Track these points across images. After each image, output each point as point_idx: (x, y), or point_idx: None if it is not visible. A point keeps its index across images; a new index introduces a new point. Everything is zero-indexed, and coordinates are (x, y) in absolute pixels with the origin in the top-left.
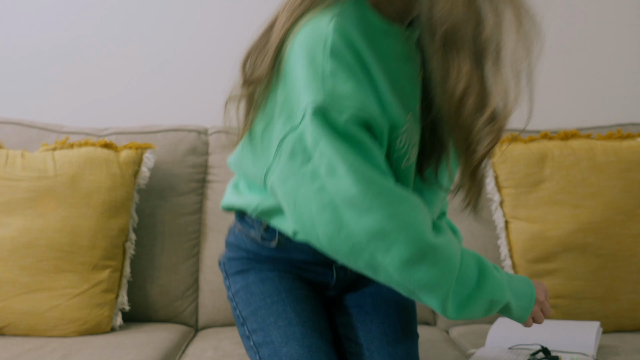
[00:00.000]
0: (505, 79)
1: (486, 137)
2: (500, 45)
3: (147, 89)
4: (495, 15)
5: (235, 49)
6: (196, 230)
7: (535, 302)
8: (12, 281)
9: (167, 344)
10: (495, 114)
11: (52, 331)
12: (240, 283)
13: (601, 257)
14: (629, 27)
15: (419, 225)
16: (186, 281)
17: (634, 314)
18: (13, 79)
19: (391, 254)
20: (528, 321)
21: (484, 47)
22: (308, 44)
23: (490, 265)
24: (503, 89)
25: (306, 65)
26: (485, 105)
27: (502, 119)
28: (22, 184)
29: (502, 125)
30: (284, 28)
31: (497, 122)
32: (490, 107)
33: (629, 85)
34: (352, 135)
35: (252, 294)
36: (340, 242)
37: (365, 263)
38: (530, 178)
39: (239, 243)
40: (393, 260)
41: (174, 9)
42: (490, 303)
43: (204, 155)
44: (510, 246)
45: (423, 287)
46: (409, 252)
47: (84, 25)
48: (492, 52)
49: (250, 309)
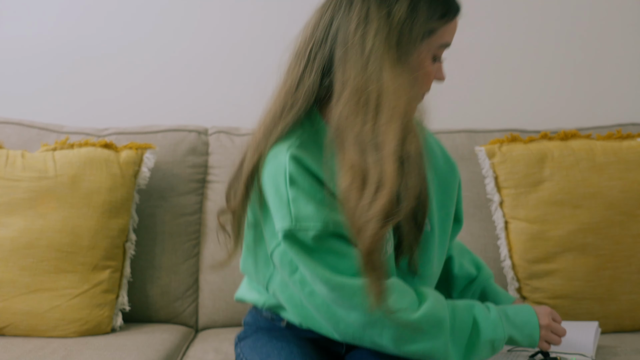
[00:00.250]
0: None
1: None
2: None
3: (147, 89)
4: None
5: (235, 49)
6: (196, 230)
7: (541, 327)
8: (13, 281)
9: (167, 346)
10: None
11: (53, 332)
12: (250, 338)
13: (601, 258)
14: (629, 27)
15: (398, 308)
16: (186, 281)
17: (633, 314)
18: (13, 79)
19: (384, 337)
20: (542, 345)
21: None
22: (272, 174)
23: (482, 309)
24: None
25: (273, 194)
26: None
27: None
28: (22, 184)
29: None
30: (252, 162)
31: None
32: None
33: (629, 85)
34: (321, 248)
35: (261, 345)
36: (343, 332)
37: (370, 344)
38: (530, 178)
39: (255, 321)
40: (388, 342)
41: (174, 9)
42: (491, 343)
43: (204, 156)
44: (510, 246)
45: (423, 355)
46: (397, 334)
47: (84, 25)
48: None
49: (257, 356)
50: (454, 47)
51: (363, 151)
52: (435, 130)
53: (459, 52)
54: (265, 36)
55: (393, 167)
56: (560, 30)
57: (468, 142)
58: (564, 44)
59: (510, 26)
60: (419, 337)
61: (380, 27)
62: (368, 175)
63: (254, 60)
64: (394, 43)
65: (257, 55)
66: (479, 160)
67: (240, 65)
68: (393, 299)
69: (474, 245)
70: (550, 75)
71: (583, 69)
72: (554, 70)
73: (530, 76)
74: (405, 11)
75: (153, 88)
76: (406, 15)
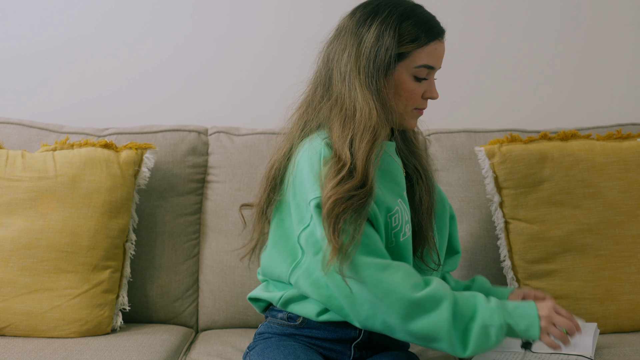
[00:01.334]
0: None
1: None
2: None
3: (147, 89)
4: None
5: (236, 49)
6: (196, 230)
7: (541, 318)
8: (13, 282)
9: (168, 347)
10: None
11: (53, 332)
12: (259, 346)
13: (600, 258)
14: (628, 27)
15: (401, 286)
16: (186, 281)
17: (632, 314)
18: (14, 78)
19: (391, 315)
20: (544, 337)
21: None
22: (309, 155)
23: (483, 298)
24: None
25: (308, 171)
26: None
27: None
28: (22, 184)
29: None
30: (283, 150)
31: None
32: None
33: (629, 85)
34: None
35: (269, 351)
36: (358, 311)
37: (381, 326)
38: (529, 178)
39: (266, 330)
40: (395, 320)
41: (173, 9)
42: (486, 328)
43: (204, 156)
44: (510, 247)
45: (428, 334)
46: (402, 311)
47: (83, 25)
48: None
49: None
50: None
51: (346, 148)
52: (435, 130)
53: (459, 52)
54: (265, 36)
55: (362, 165)
56: (560, 30)
57: (468, 142)
58: (564, 44)
59: (510, 26)
60: (423, 314)
61: (352, 53)
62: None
63: (255, 61)
64: (363, 67)
65: (257, 55)
66: (479, 160)
67: (241, 65)
68: (399, 277)
69: (474, 245)
70: (550, 75)
71: (583, 69)
72: (554, 70)
73: (530, 76)
74: (372, 39)
75: (153, 88)
76: (372, 42)
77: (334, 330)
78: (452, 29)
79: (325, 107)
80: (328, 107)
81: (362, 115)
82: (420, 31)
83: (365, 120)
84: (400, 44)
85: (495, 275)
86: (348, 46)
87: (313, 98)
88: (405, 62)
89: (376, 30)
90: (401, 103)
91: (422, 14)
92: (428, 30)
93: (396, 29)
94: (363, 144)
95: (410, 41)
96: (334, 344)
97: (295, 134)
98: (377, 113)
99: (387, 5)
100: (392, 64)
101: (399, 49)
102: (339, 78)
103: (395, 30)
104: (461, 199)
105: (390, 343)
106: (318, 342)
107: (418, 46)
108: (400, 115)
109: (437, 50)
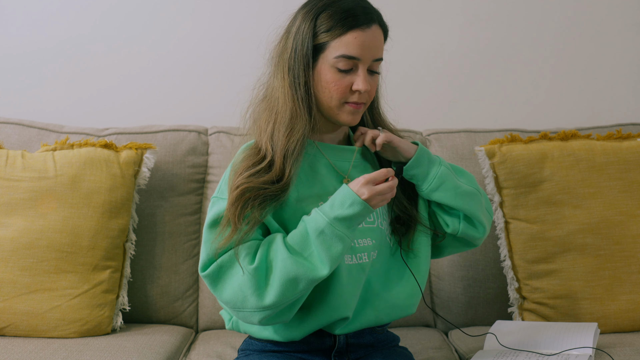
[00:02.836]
0: None
1: None
2: None
3: (147, 89)
4: None
5: (235, 49)
6: (196, 230)
7: (359, 189)
8: (13, 282)
9: (168, 348)
10: None
11: (53, 332)
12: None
13: (600, 258)
14: (629, 27)
15: (239, 276)
16: (186, 281)
17: (633, 314)
18: (14, 78)
19: (249, 300)
20: (374, 200)
21: None
22: (237, 154)
23: (305, 217)
24: None
25: (227, 170)
26: None
27: None
28: (22, 184)
29: None
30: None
31: None
32: None
33: (629, 85)
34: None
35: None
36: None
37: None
38: (529, 178)
39: (247, 347)
40: (255, 301)
41: (173, 9)
42: (321, 235)
43: (204, 156)
44: (510, 246)
45: (287, 284)
46: (251, 288)
47: (83, 25)
48: None
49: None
50: (455, 47)
51: (267, 141)
52: (436, 130)
53: (459, 52)
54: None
55: (281, 160)
56: (560, 31)
57: (468, 142)
58: (564, 44)
59: (510, 26)
60: (265, 275)
61: (280, 46)
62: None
63: (254, 60)
64: (287, 59)
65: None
66: (479, 160)
67: (241, 65)
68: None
69: None
70: (550, 75)
71: (583, 69)
72: (553, 70)
73: (530, 76)
74: (294, 31)
75: (153, 88)
76: (294, 34)
77: (308, 342)
78: (452, 29)
79: (263, 101)
80: (264, 101)
81: (281, 107)
82: (335, 21)
83: (283, 112)
84: (316, 35)
85: (495, 275)
86: (281, 40)
87: (258, 95)
88: (324, 53)
89: (298, 22)
90: (326, 96)
91: (344, 4)
92: (344, 19)
93: (313, 19)
94: (280, 137)
95: (325, 31)
96: (313, 355)
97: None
98: (296, 105)
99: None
100: (311, 55)
101: (315, 40)
102: (270, 71)
103: (312, 21)
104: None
105: (376, 342)
106: (298, 354)
107: (333, 36)
108: (331, 109)
109: (356, 40)
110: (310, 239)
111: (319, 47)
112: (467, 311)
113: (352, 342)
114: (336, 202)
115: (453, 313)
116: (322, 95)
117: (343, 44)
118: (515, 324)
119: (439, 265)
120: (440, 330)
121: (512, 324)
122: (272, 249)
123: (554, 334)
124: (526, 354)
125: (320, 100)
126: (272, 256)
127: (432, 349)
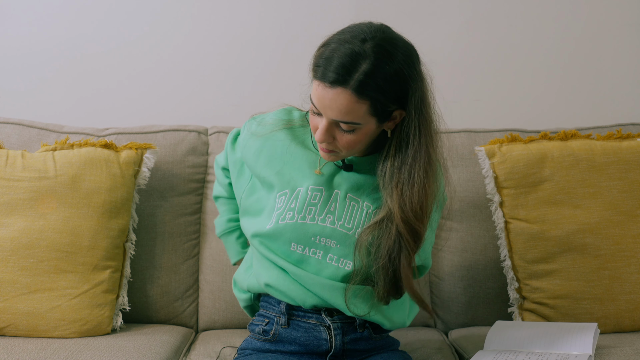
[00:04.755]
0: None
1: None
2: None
3: (147, 89)
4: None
5: (235, 49)
6: (196, 230)
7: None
8: (13, 282)
9: (168, 348)
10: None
11: (53, 332)
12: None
13: (600, 258)
14: (628, 27)
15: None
16: (186, 281)
17: (633, 314)
18: (14, 78)
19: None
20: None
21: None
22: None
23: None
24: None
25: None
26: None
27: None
28: (22, 184)
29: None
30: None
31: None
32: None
33: (629, 85)
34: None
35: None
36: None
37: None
38: (529, 178)
39: (247, 346)
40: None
41: (173, 8)
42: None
43: (204, 155)
44: (510, 246)
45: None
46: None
47: (83, 25)
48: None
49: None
50: (455, 47)
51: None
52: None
53: (459, 52)
54: (265, 35)
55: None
56: (560, 31)
57: (468, 142)
58: (564, 44)
59: (510, 26)
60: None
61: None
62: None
63: (254, 60)
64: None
65: (257, 54)
66: (479, 160)
67: (241, 64)
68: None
69: (474, 245)
70: (550, 75)
71: (583, 69)
72: (554, 70)
73: (530, 76)
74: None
75: (153, 88)
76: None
77: (304, 344)
78: (452, 28)
79: None
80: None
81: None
82: (312, 62)
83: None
84: (311, 67)
85: (495, 275)
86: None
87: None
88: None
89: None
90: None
91: (329, 51)
92: (315, 66)
93: (317, 49)
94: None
95: (311, 68)
96: (309, 358)
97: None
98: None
99: (344, 29)
100: (311, 82)
101: (311, 72)
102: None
103: (316, 50)
104: (461, 199)
105: (373, 348)
106: (294, 357)
107: (312, 77)
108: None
109: (316, 91)
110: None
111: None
112: (467, 311)
113: (347, 348)
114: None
115: (453, 313)
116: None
117: (313, 87)
118: (515, 324)
119: (439, 265)
120: (440, 330)
121: (512, 324)
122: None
123: (553, 334)
124: (526, 354)
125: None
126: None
127: (432, 349)
